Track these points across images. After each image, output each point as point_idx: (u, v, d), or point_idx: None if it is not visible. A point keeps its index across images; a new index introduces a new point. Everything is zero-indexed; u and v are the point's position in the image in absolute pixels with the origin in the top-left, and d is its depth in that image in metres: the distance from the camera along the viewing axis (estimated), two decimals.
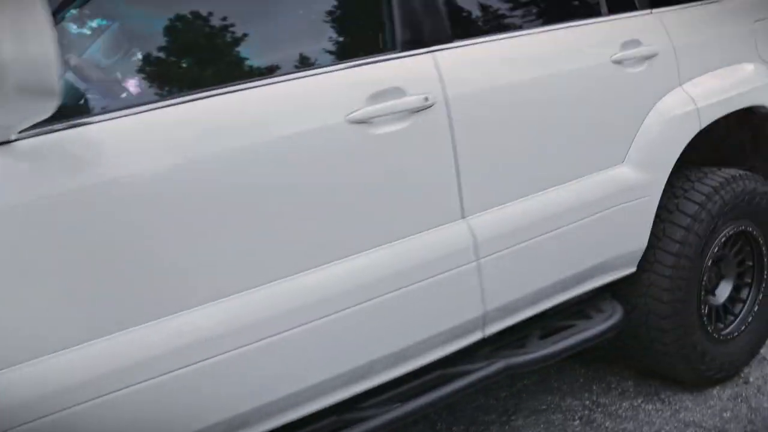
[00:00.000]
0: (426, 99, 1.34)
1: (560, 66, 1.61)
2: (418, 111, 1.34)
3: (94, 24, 1.18)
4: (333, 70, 1.32)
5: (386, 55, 1.38)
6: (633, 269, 1.80)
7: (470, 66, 1.49)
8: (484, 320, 1.52)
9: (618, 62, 1.69)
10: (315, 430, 1.35)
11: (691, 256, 1.78)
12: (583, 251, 1.68)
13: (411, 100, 1.33)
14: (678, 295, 1.77)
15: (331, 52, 1.42)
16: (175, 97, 1.16)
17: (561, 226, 1.59)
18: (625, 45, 1.71)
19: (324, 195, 1.27)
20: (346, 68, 1.33)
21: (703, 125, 1.82)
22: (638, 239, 1.77)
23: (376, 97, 1.30)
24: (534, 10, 1.77)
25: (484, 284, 1.46)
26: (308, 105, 1.27)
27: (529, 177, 1.56)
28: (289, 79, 1.27)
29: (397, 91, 1.32)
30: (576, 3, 1.92)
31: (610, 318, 1.71)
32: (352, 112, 1.26)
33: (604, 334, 1.67)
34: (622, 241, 1.75)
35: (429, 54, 1.40)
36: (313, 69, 1.33)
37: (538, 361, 1.59)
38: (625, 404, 1.93)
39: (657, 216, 1.79)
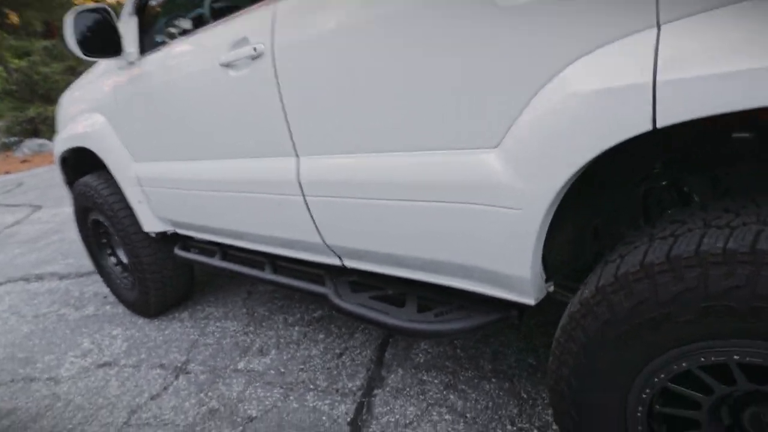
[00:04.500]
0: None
1: None
2: None
3: None
4: None
5: None
6: (529, 301, 1.33)
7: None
8: (333, 251, 1.73)
9: None
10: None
11: None
12: (436, 239, 1.38)
13: None
14: None
15: None
16: None
17: (403, 199, 1.38)
18: None
19: None
20: None
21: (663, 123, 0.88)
22: (513, 264, 1.25)
23: None
24: None
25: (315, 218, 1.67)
26: None
27: (365, 133, 1.42)
28: None
29: None
30: None
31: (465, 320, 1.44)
32: None
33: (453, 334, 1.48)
34: (486, 253, 1.29)
35: None
36: None
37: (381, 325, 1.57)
38: None
39: None
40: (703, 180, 1.27)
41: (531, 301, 1.30)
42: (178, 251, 2.55)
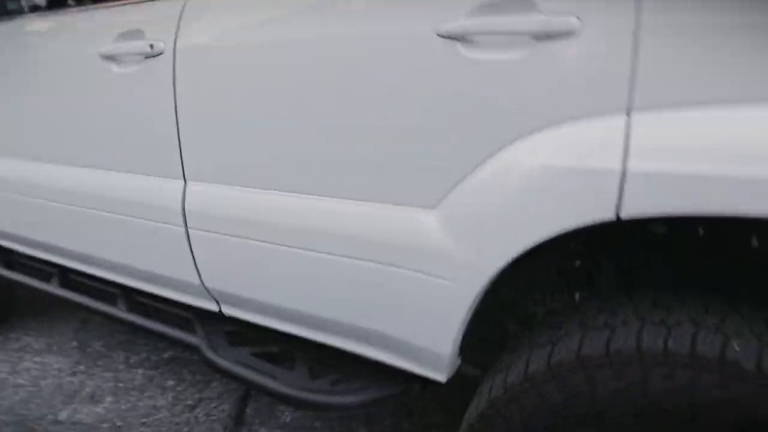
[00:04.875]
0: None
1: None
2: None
3: None
4: None
5: None
6: (440, 378, 1.20)
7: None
8: (210, 294, 1.48)
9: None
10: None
11: None
12: (345, 300, 1.22)
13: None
14: None
15: None
16: None
17: (311, 249, 1.20)
18: None
19: None
20: None
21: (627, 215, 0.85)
22: (433, 338, 1.13)
23: None
24: None
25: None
26: None
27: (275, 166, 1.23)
28: None
29: None
30: None
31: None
32: None
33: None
34: (404, 323, 1.16)
35: None
36: None
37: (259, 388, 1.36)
38: None
39: None
40: (611, 266, 1.29)
41: (443, 378, 1.19)
42: None
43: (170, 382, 2.11)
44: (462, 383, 1.34)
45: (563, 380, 0.95)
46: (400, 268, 1.10)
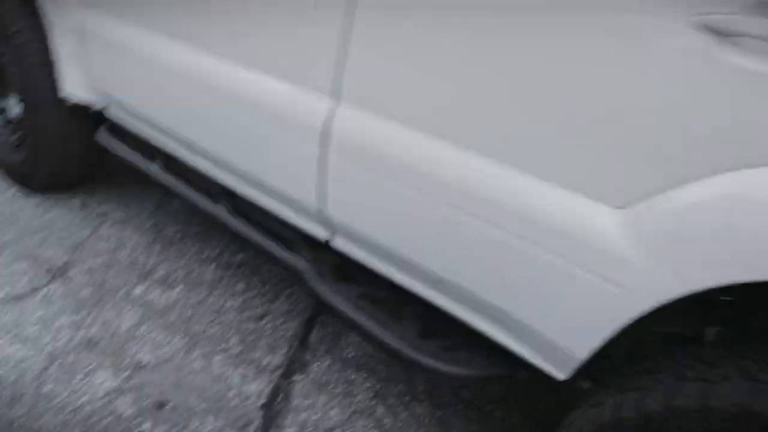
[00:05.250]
0: None
1: None
2: None
3: None
4: None
5: None
6: (561, 376, 1.14)
7: None
8: (326, 222, 1.42)
9: None
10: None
11: None
12: (491, 274, 1.16)
13: None
14: None
15: None
16: None
17: (479, 217, 1.13)
18: None
19: None
20: None
21: None
22: (574, 339, 1.08)
23: None
24: None
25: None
26: None
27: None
28: None
29: None
30: None
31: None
32: None
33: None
34: (550, 316, 1.10)
35: None
36: None
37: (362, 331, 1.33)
38: None
39: None
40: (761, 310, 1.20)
41: (563, 377, 1.15)
42: (105, 137, 2.05)
43: (240, 286, 2.13)
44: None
45: (716, 425, 0.90)
46: (565, 260, 1.03)
